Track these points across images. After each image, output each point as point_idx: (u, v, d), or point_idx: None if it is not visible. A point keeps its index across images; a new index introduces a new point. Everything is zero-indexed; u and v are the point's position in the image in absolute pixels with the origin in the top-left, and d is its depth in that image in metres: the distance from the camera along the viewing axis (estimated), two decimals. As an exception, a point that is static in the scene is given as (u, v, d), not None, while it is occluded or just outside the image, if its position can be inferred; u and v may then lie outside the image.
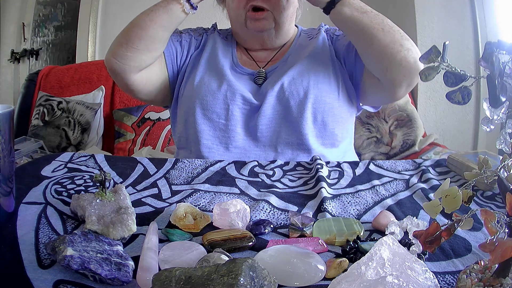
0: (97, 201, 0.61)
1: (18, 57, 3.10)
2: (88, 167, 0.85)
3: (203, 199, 0.72)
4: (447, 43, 0.42)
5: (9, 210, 0.61)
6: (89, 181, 0.77)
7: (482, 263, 0.46)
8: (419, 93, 2.27)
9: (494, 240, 0.39)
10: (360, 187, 0.78)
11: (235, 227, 0.60)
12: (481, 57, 0.40)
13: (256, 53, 1.09)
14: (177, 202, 0.70)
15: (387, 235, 0.51)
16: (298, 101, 0.97)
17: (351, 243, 0.55)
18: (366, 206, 0.71)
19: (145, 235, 0.56)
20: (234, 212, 0.61)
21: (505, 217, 0.40)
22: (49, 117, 2.21)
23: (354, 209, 0.69)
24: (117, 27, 1.22)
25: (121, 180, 0.79)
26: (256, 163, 0.89)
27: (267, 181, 0.81)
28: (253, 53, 1.09)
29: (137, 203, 0.69)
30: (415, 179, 0.83)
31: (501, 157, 0.43)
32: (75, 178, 0.78)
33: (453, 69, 0.41)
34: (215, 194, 0.74)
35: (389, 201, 0.72)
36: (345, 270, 0.48)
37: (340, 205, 0.71)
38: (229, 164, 0.88)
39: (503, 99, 0.39)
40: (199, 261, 0.49)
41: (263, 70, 1.05)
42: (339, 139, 1.03)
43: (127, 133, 2.19)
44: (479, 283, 0.42)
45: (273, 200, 0.71)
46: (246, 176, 0.83)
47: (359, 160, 1.01)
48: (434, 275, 0.43)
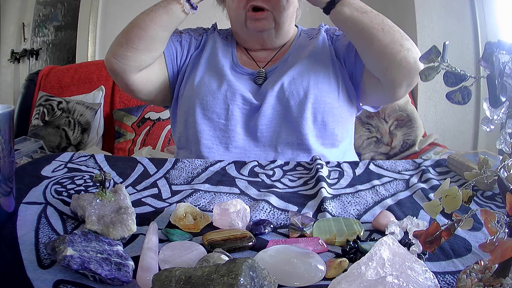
0: (97, 201, 0.61)
1: (18, 57, 3.10)
2: (88, 167, 0.85)
3: (203, 199, 0.72)
4: (447, 43, 0.42)
5: (9, 210, 0.61)
6: (89, 181, 0.77)
7: (482, 263, 0.46)
8: (419, 93, 2.27)
9: (494, 240, 0.39)
10: (360, 187, 0.78)
11: (235, 227, 0.60)
12: (481, 57, 0.40)
13: (256, 53, 1.09)
14: (177, 202, 0.70)
15: (387, 235, 0.51)
16: (298, 101, 0.97)
17: (351, 243, 0.55)
18: (366, 206, 0.71)
19: (145, 235, 0.56)
20: (234, 212, 0.61)
21: (505, 217, 0.40)
22: (49, 117, 2.21)
23: (354, 209, 0.69)
24: (117, 27, 1.22)
25: (121, 180, 0.79)
26: (256, 163, 0.89)
27: (267, 181, 0.81)
28: (253, 53, 1.09)
29: (137, 203, 0.69)
30: (415, 179, 0.83)
31: (501, 157, 0.43)
32: (75, 178, 0.78)
33: (453, 69, 0.41)
34: (215, 194, 0.74)
35: (389, 201, 0.72)
36: (345, 270, 0.48)
37: (340, 205, 0.71)
38: (229, 164, 0.88)
39: (503, 99, 0.39)
40: (199, 261, 0.49)
41: (263, 70, 1.05)
42: (339, 139, 1.03)
43: (127, 133, 2.19)
44: (479, 283, 0.42)
45: (273, 200, 0.71)
46: (246, 176, 0.83)
47: (359, 160, 1.01)
48: (434, 275, 0.43)
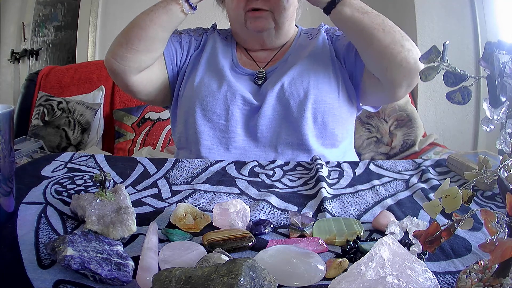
0: (97, 201, 0.61)
1: (18, 57, 3.10)
2: (88, 167, 0.85)
3: (203, 199, 0.72)
4: (447, 43, 0.42)
5: (9, 210, 0.61)
6: (89, 181, 0.77)
7: (482, 263, 0.46)
8: (419, 93, 2.27)
9: (494, 240, 0.39)
10: (360, 187, 0.78)
11: (235, 227, 0.60)
12: (481, 57, 0.40)
13: (256, 53, 1.09)
14: (177, 202, 0.70)
15: (387, 235, 0.51)
16: (298, 102, 0.97)
17: (351, 243, 0.55)
18: (366, 206, 0.71)
19: (145, 235, 0.56)
20: (234, 212, 0.61)
21: (505, 217, 0.40)
22: (49, 117, 2.21)
23: (354, 209, 0.69)
24: (117, 27, 1.22)
25: (121, 180, 0.79)
26: (256, 163, 0.89)
27: (267, 181, 0.81)
28: (253, 53, 1.09)
29: (137, 203, 0.69)
30: (415, 179, 0.82)
31: (501, 157, 0.43)
32: (75, 178, 0.78)
33: (453, 69, 0.41)
34: (215, 194, 0.74)
35: (389, 201, 0.72)
36: (345, 270, 0.48)
37: (340, 205, 0.71)
38: (229, 164, 0.88)
39: (503, 99, 0.39)
40: (199, 261, 0.49)
41: (263, 70, 1.05)
42: (339, 139, 1.03)
43: (127, 133, 2.19)
44: (479, 283, 0.42)
45: (273, 200, 0.71)
46: (246, 176, 0.83)
47: (359, 160, 1.01)
48: (434, 275, 0.43)
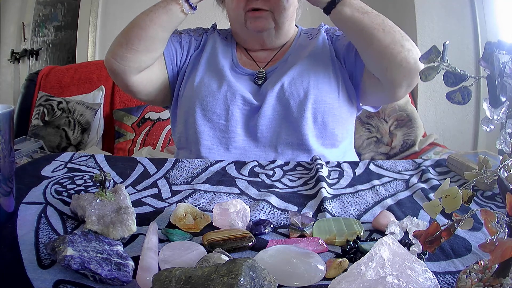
0: (97, 201, 0.61)
1: (18, 57, 3.10)
2: (88, 167, 0.85)
3: (203, 199, 0.72)
4: (447, 43, 0.42)
5: (9, 210, 0.61)
6: (89, 181, 0.77)
7: (482, 263, 0.46)
8: (419, 93, 2.27)
9: (494, 240, 0.39)
10: (360, 187, 0.78)
11: (235, 227, 0.60)
12: (481, 57, 0.40)
13: (256, 53, 1.09)
14: (177, 202, 0.70)
15: (387, 235, 0.51)
16: (298, 102, 0.97)
17: (351, 243, 0.55)
18: (366, 206, 0.71)
19: (145, 235, 0.56)
20: (234, 212, 0.61)
21: (505, 217, 0.40)
22: (49, 117, 2.21)
23: (354, 209, 0.69)
24: (117, 27, 1.22)
25: (121, 180, 0.79)
26: (256, 163, 0.89)
27: (267, 181, 0.81)
28: (253, 53, 1.09)
29: (137, 203, 0.69)
30: (415, 179, 0.82)
31: (501, 157, 0.43)
32: (75, 178, 0.78)
33: (453, 69, 0.41)
34: (215, 194, 0.74)
35: (389, 201, 0.72)
36: (345, 270, 0.48)
37: (340, 205, 0.71)
38: (229, 164, 0.88)
39: (503, 99, 0.39)
40: (199, 261, 0.49)
41: (263, 70, 1.05)
42: (339, 139, 1.03)
43: (127, 133, 2.19)
44: (479, 283, 0.42)
45: (273, 200, 0.71)
46: (246, 176, 0.83)
47: (359, 160, 1.01)
48: (434, 275, 0.43)
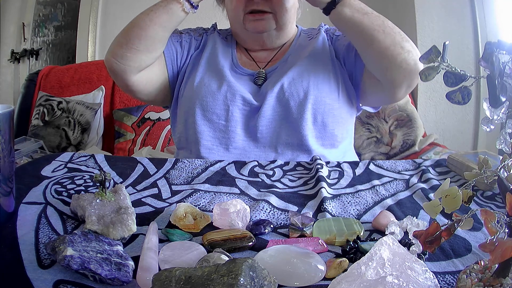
0: (97, 201, 0.61)
1: (18, 57, 3.10)
2: (88, 167, 0.85)
3: (203, 199, 0.72)
4: (447, 43, 0.42)
5: (9, 210, 0.61)
6: (89, 181, 0.77)
7: (482, 263, 0.46)
8: (419, 93, 2.27)
9: (494, 240, 0.39)
10: (360, 187, 0.78)
11: (235, 227, 0.60)
12: (481, 57, 0.40)
13: (256, 53, 1.09)
14: (177, 202, 0.70)
15: (387, 235, 0.51)
16: (298, 102, 0.97)
17: (351, 243, 0.55)
18: (366, 206, 0.71)
19: (145, 235, 0.56)
20: (234, 212, 0.61)
21: (505, 217, 0.40)
22: (49, 117, 2.21)
23: (354, 209, 0.69)
24: (117, 27, 1.22)
25: (121, 180, 0.79)
26: (256, 163, 0.89)
27: (267, 181, 0.81)
28: (253, 54, 1.09)
29: (137, 203, 0.69)
30: (415, 179, 0.82)
31: (501, 157, 0.43)
32: (75, 178, 0.78)
33: (453, 69, 0.41)
34: (215, 194, 0.74)
35: (389, 201, 0.72)
36: (345, 270, 0.48)
37: (340, 205, 0.71)
38: (229, 164, 0.88)
39: (503, 99, 0.39)
40: (199, 261, 0.49)
41: (263, 70, 1.05)
42: (339, 140, 1.03)
43: (127, 133, 2.19)
44: (479, 283, 0.42)
45: (273, 200, 0.71)
46: (246, 176, 0.83)
47: (359, 160, 1.01)
48: (434, 275, 0.43)
